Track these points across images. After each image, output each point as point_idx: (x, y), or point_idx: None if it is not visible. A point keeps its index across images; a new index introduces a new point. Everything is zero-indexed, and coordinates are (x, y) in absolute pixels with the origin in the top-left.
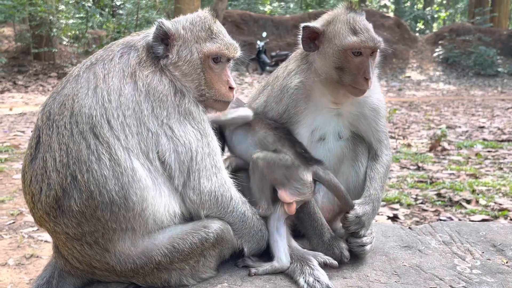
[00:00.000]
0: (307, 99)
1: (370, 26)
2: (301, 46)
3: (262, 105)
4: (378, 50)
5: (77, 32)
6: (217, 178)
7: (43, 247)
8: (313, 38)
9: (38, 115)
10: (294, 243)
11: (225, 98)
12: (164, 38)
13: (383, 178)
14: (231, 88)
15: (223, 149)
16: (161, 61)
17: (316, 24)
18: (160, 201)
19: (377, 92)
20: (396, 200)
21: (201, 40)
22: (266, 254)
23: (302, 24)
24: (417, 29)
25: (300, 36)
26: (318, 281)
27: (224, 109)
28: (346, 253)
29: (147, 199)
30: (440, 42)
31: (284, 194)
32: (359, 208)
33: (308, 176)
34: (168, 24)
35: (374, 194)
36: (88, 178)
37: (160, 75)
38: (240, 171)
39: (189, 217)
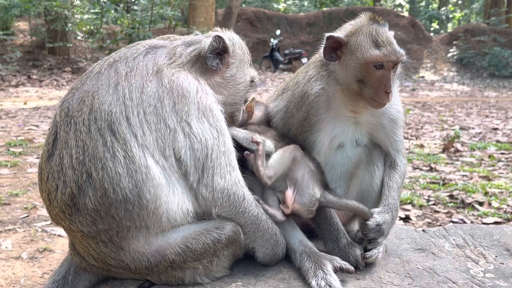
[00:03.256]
0: (328, 107)
1: (392, 38)
2: (322, 54)
3: (283, 110)
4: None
5: (92, 27)
6: (230, 176)
7: (56, 241)
8: (335, 48)
9: (56, 111)
10: (310, 244)
11: (236, 119)
12: (220, 52)
13: (400, 188)
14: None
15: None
16: (214, 77)
17: (340, 34)
18: (173, 199)
19: (396, 103)
20: (408, 201)
21: (248, 65)
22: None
23: (326, 34)
24: (432, 29)
25: (323, 45)
26: (329, 286)
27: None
28: (361, 261)
29: (161, 197)
30: (454, 42)
31: (289, 195)
32: (379, 216)
33: (317, 193)
34: (227, 39)
35: (393, 204)
36: (103, 175)
37: (186, 74)
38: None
39: (202, 215)
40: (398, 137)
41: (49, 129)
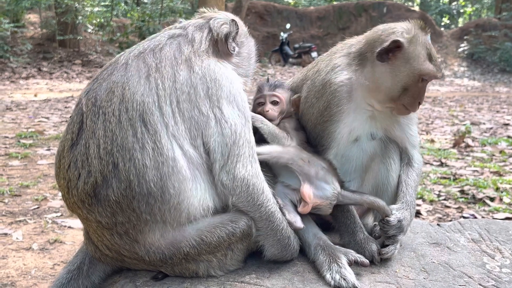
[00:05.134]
0: (349, 98)
1: None
2: (375, 52)
3: (303, 101)
4: None
5: (102, 20)
6: (251, 167)
7: (67, 232)
8: (389, 50)
9: (82, 100)
10: (324, 237)
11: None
12: (235, 36)
13: (417, 186)
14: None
15: None
16: (232, 59)
17: (403, 39)
18: (195, 194)
19: None
20: (419, 196)
21: (248, 35)
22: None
23: (395, 38)
24: (443, 23)
25: (384, 46)
26: (344, 279)
27: None
28: (377, 257)
29: (185, 192)
30: (465, 37)
31: (307, 190)
32: (398, 213)
33: (337, 186)
34: (236, 20)
35: (411, 201)
36: (129, 167)
37: (215, 61)
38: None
39: (221, 211)
40: (414, 133)
41: (70, 117)
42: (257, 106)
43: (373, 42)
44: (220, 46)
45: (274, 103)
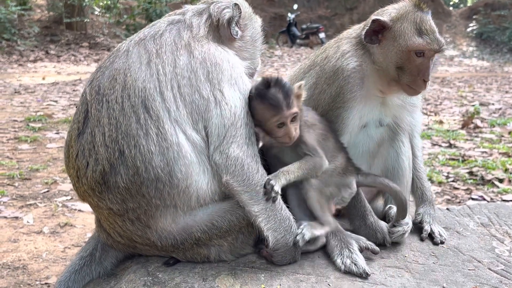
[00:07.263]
0: (362, 85)
1: (435, 27)
2: (362, 35)
3: (312, 87)
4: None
5: (109, 2)
6: (247, 148)
7: (77, 216)
8: (377, 32)
9: (86, 89)
10: (335, 222)
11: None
12: (238, 20)
13: (425, 173)
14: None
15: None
16: (235, 43)
17: (385, 18)
18: (203, 178)
19: None
20: (427, 178)
21: (253, 16)
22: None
23: (373, 17)
24: (451, 3)
25: (367, 28)
26: (355, 264)
27: None
28: (388, 238)
29: (192, 176)
30: (474, 16)
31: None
32: (427, 216)
33: (355, 187)
34: (238, 3)
35: (430, 195)
36: (135, 153)
37: (215, 45)
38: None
39: (228, 195)
40: (419, 118)
41: (76, 106)
42: (276, 128)
43: (366, 26)
44: (222, 31)
45: (294, 119)
